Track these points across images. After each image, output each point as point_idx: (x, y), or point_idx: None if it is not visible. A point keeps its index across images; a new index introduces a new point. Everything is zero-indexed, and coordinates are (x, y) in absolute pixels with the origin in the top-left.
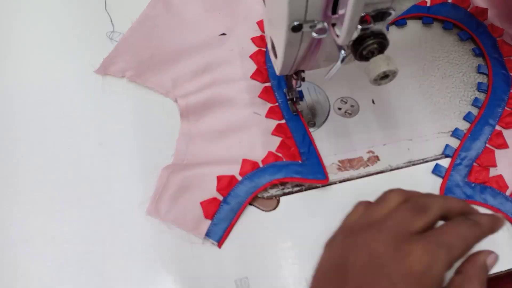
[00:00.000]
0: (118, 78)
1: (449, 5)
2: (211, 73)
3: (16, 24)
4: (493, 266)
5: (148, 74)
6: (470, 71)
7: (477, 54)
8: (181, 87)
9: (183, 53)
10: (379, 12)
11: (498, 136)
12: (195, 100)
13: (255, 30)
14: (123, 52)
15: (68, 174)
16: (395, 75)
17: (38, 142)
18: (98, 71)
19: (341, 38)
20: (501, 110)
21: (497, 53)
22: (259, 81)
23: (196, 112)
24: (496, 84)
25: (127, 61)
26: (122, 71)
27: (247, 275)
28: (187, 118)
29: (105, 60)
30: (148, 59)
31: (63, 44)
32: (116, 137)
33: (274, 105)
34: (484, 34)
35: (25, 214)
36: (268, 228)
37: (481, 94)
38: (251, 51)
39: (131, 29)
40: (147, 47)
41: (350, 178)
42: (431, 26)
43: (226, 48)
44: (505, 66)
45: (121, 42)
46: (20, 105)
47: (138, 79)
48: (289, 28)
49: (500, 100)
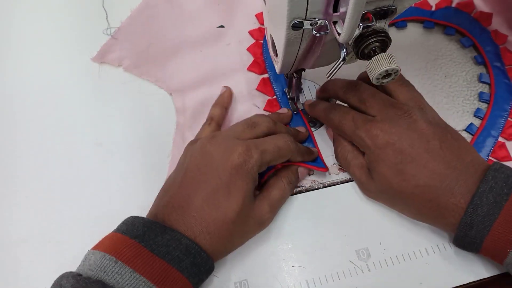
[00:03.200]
0: (115, 71)
1: (452, 10)
2: (208, 68)
3: (16, 22)
4: (304, 175)
5: (145, 65)
6: (472, 80)
7: (479, 62)
8: (177, 81)
9: (180, 46)
10: (381, 10)
11: (501, 148)
12: (192, 96)
13: (253, 22)
14: (120, 40)
15: (65, 172)
16: (397, 73)
17: (36, 141)
18: (95, 58)
19: (343, 36)
20: (503, 121)
21: (499, 62)
22: (256, 73)
23: (193, 109)
24: (498, 94)
25: (124, 50)
26: (119, 59)
27: (247, 277)
28: (183, 114)
29: (102, 48)
30: (145, 50)
31: (60, 36)
32: (113, 137)
33: (272, 98)
34: (487, 41)
35: (24, 214)
36: (269, 230)
37: (483, 105)
38: (248, 44)
39: (130, 18)
40: (145, 37)
41: (351, 179)
42: (432, 31)
43: (223, 42)
44: (507, 75)
45: (119, 30)
46: (17, 98)
47: (134, 70)
48: (290, 25)
49: (502, 110)
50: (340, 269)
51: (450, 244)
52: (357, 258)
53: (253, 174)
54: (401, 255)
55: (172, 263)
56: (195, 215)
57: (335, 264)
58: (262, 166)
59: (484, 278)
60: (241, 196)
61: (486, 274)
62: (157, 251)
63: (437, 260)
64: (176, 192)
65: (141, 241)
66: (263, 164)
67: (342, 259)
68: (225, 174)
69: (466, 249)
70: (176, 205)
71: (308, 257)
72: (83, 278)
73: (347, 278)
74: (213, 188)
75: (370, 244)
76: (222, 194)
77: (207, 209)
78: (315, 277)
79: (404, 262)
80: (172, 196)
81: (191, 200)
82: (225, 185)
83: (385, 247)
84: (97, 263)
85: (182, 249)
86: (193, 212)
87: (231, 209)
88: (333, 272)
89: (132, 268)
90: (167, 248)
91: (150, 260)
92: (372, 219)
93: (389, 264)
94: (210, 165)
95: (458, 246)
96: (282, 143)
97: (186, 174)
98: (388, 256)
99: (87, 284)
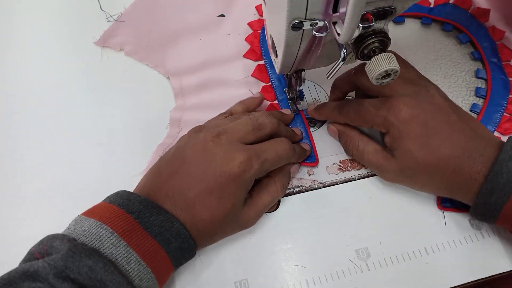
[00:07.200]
0: (116, 55)
1: (450, 6)
2: (207, 56)
3: (16, 20)
4: (295, 173)
5: (145, 50)
6: (469, 76)
7: (476, 58)
8: (175, 65)
9: (181, 33)
10: (380, 10)
11: None
12: (189, 79)
13: (253, 14)
14: (123, 25)
15: (66, 171)
16: (397, 74)
17: (37, 134)
18: (98, 42)
19: (342, 37)
20: (499, 116)
21: (496, 57)
22: (252, 60)
23: (190, 93)
24: (494, 89)
25: (127, 35)
26: (121, 44)
27: (247, 277)
28: (182, 98)
29: (105, 32)
30: (147, 36)
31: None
32: (114, 136)
33: (267, 84)
34: (484, 37)
35: (24, 214)
36: (269, 229)
37: (479, 100)
38: (247, 35)
39: (133, 4)
40: (147, 23)
41: (352, 179)
42: (429, 27)
43: (223, 31)
44: (504, 71)
45: (122, 16)
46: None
47: (135, 55)
48: (290, 26)
49: (498, 105)
50: (340, 268)
51: (450, 244)
52: (357, 258)
53: (249, 184)
54: (401, 255)
55: (161, 244)
56: (186, 208)
57: (335, 263)
58: (259, 175)
59: (484, 277)
60: (231, 202)
61: (486, 273)
62: (150, 230)
63: (437, 260)
64: (170, 178)
65: (136, 217)
66: (261, 173)
67: (342, 259)
68: (222, 179)
69: (483, 218)
70: (170, 194)
71: (308, 256)
72: (79, 243)
73: (347, 278)
74: (208, 188)
75: (369, 244)
76: (215, 196)
77: (198, 207)
78: (315, 277)
79: (403, 262)
80: (166, 181)
81: (184, 193)
82: (220, 189)
83: (385, 246)
84: (92, 231)
85: (173, 232)
86: (185, 206)
87: (219, 212)
88: (333, 271)
89: (126, 242)
90: (160, 228)
91: (143, 237)
92: (372, 218)
93: (388, 264)
94: (210, 165)
95: (475, 216)
96: (282, 151)
97: (184, 164)
98: (387, 255)
99: (84, 250)
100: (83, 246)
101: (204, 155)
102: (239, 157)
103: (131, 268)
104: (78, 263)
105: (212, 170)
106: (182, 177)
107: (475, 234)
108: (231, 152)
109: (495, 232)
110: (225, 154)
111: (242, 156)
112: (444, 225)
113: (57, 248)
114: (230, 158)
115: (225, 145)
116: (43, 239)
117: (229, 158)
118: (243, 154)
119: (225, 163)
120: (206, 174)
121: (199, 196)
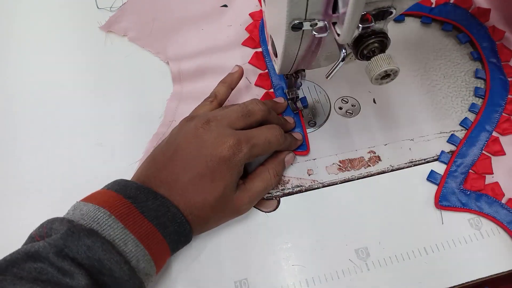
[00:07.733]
0: (119, 40)
1: (450, 6)
2: (208, 45)
3: (16, 19)
4: (290, 162)
5: (148, 37)
6: (468, 76)
7: (475, 58)
8: (175, 52)
9: (183, 22)
10: (380, 10)
11: (494, 143)
12: (188, 64)
13: (255, 5)
14: (128, 12)
15: (67, 168)
16: (396, 74)
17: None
18: (103, 27)
19: (342, 37)
20: (498, 116)
21: (495, 58)
22: (249, 47)
23: (188, 78)
24: (493, 90)
25: (131, 22)
26: (125, 30)
27: (247, 276)
28: (179, 82)
29: (110, 18)
30: (150, 23)
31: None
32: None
33: (263, 72)
34: (483, 37)
35: (24, 214)
36: (269, 229)
37: (478, 100)
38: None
39: None
40: (151, 12)
41: (351, 179)
42: (429, 26)
43: (225, 22)
44: (503, 71)
45: (128, 3)
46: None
47: (138, 41)
48: (289, 26)
49: (497, 105)
50: (340, 268)
51: (449, 244)
52: (357, 257)
53: (239, 167)
54: (400, 255)
55: (158, 227)
56: (180, 193)
57: (335, 263)
58: (250, 159)
59: (483, 277)
60: (223, 185)
61: (485, 273)
62: (147, 214)
63: (436, 260)
64: (164, 166)
65: (133, 202)
66: (251, 157)
67: (342, 258)
68: (212, 163)
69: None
70: (164, 180)
71: (307, 256)
72: (78, 224)
73: (347, 277)
74: (200, 173)
75: (369, 244)
76: (206, 180)
77: (191, 191)
78: (315, 276)
79: (403, 261)
80: (160, 169)
81: (178, 179)
82: (211, 172)
83: (384, 246)
84: (90, 214)
85: (169, 216)
86: (179, 191)
87: (211, 195)
88: (333, 271)
89: (123, 224)
90: (156, 212)
91: (140, 220)
92: (371, 218)
93: (388, 263)
94: (201, 150)
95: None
96: (272, 137)
97: (177, 152)
98: (387, 255)
99: (83, 230)
100: (82, 227)
101: (195, 141)
102: (229, 141)
103: (128, 249)
104: (77, 242)
105: (203, 155)
106: (176, 164)
107: (474, 234)
108: (221, 136)
109: (495, 232)
110: (215, 139)
111: (232, 140)
112: (441, 224)
113: (56, 229)
114: (220, 142)
115: (215, 130)
116: (43, 223)
117: (219, 142)
118: (232, 138)
119: (215, 147)
120: (197, 159)
121: (192, 181)
